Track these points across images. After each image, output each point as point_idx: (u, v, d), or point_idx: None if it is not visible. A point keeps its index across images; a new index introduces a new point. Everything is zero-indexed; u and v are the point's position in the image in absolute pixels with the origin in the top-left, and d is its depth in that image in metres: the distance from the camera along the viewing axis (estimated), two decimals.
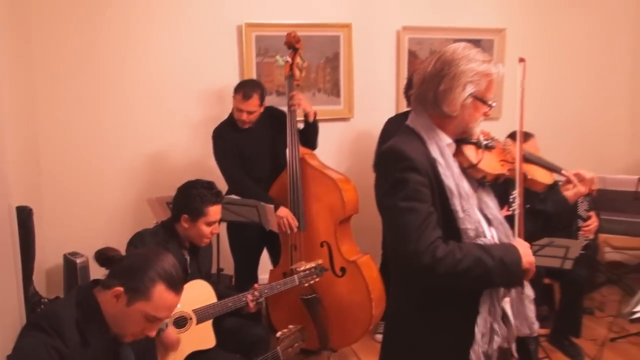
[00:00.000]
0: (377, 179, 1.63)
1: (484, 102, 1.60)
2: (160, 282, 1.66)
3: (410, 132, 1.63)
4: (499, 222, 1.67)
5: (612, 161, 5.03)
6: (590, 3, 4.83)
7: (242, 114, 3.34)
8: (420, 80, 1.63)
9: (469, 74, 1.55)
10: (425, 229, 1.48)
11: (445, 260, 1.45)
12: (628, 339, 3.78)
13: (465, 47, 1.60)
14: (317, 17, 4.16)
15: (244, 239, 3.49)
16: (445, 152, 1.59)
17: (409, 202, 1.49)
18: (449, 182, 1.55)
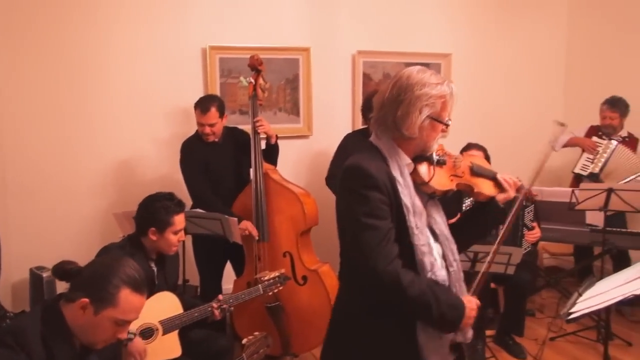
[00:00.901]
0: (340, 192, 1.63)
1: (441, 122, 1.61)
2: (124, 286, 1.62)
3: (374, 149, 1.64)
4: (445, 238, 1.68)
5: (548, 174, 5.19)
6: (526, 31, 5.01)
7: (205, 128, 3.33)
8: (380, 104, 1.64)
9: (424, 98, 1.56)
10: (384, 246, 1.50)
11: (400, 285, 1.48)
12: (565, 338, 3.88)
13: (419, 71, 1.60)
14: (277, 41, 4.18)
15: (209, 251, 3.44)
16: (405, 172, 1.60)
17: (371, 219, 1.50)
18: (406, 200, 1.56)
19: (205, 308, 2.54)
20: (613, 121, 4.08)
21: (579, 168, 4.21)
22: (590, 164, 4.15)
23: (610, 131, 4.13)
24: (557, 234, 4.02)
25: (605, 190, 3.49)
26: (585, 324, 3.90)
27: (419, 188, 1.64)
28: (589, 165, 4.16)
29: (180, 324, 2.44)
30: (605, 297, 1.89)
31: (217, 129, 3.35)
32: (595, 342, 3.80)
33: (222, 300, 2.60)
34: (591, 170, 4.13)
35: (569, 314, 1.94)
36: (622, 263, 3.87)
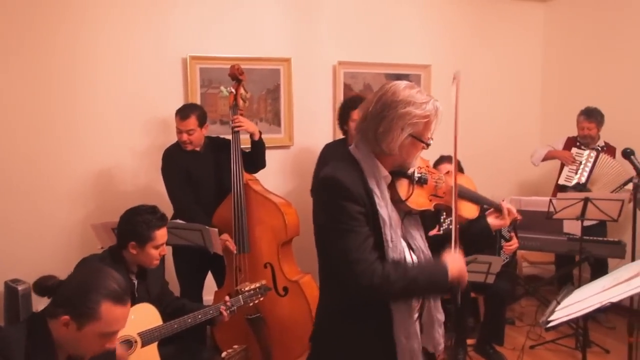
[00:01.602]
0: (316, 203, 1.63)
1: (422, 141, 1.61)
2: (105, 300, 1.58)
3: (351, 159, 1.63)
4: (421, 252, 1.70)
5: (525, 184, 5.27)
6: (504, 43, 5.11)
7: (183, 135, 3.31)
8: (363, 117, 1.63)
9: (407, 117, 1.54)
10: (363, 251, 1.50)
11: (381, 286, 1.49)
12: (545, 346, 3.92)
13: (406, 88, 1.58)
14: (258, 52, 4.19)
15: (189, 262, 3.41)
16: (382, 184, 1.60)
17: (348, 225, 1.51)
18: (383, 212, 1.56)
19: (210, 310, 2.54)
20: (590, 131, 4.15)
21: (563, 179, 4.27)
22: (574, 175, 4.21)
23: (588, 141, 4.21)
24: (536, 243, 4.07)
25: (581, 199, 3.56)
26: (564, 331, 3.95)
27: (395, 205, 1.64)
28: (573, 176, 4.22)
29: (159, 335, 2.41)
30: (583, 305, 1.91)
31: (195, 137, 3.33)
32: (574, 349, 3.85)
33: (230, 302, 2.61)
34: (577, 180, 4.19)
35: (548, 322, 1.95)
36: (600, 271, 3.93)
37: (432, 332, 1.72)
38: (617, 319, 4.26)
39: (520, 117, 5.27)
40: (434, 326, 1.72)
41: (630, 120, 4.21)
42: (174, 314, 2.51)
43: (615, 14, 4.53)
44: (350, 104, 3.65)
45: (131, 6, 3.86)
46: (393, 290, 1.51)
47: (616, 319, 4.28)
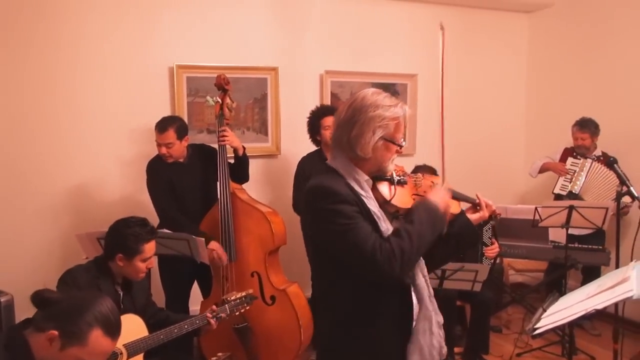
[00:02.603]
0: (310, 214, 1.65)
1: (394, 143, 1.66)
2: (97, 327, 1.55)
3: (331, 170, 1.67)
4: None
5: (511, 193, 5.31)
6: (489, 53, 5.16)
7: (161, 148, 3.29)
8: (336, 125, 1.68)
9: (377, 119, 1.60)
10: (374, 239, 1.52)
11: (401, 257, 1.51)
12: (531, 353, 3.94)
13: (374, 93, 1.65)
14: (245, 61, 4.19)
15: (176, 272, 3.38)
16: (365, 186, 1.65)
17: (349, 225, 1.53)
18: (374, 208, 1.61)
19: (197, 319, 2.52)
20: (585, 141, 4.20)
21: (559, 189, 4.32)
22: (568, 184, 4.27)
23: (583, 151, 4.26)
24: (522, 251, 4.10)
25: (566, 207, 3.59)
26: (550, 339, 3.97)
27: (381, 207, 1.67)
28: (567, 185, 4.27)
29: (145, 347, 2.38)
30: (569, 312, 1.92)
31: (174, 150, 3.30)
32: (560, 357, 3.87)
33: (217, 310, 2.58)
34: (570, 189, 4.24)
35: (534, 330, 1.96)
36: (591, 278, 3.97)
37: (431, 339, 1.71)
38: (603, 326, 4.30)
39: (505, 126, 5.32)
40: (433, 330, 1.72)
41: (614, 129, 4.26)
42: (157, 325, 2.48)
43: (598, 25, 4.61)
44: (318, 112, 3.69)
45: (117, 15, 3.85)
46: (413, 252, 1.54)
47: (601, 326, 4.31)
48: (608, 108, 4.45)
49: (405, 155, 4.51)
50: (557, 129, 4.75)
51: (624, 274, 1.88)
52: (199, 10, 4.06)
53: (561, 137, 4.51)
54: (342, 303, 1.66)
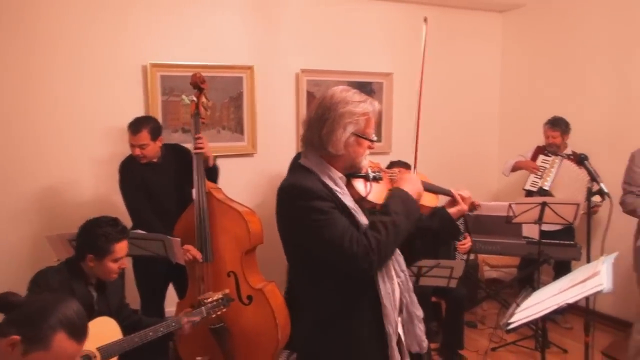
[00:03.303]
0: (284, 214, 1.64)
1: (366, 138, 1.66)
2: (61, 330, 1.50)
3: (304, 169, 1.66)
4: None
5: (485, 190, 5.38)
6: (463, 52, 5.21)
7: (135, 149, 3.24)
8: (307, 124, 1.68)
9: (347, 115, 1.61)
10: (351, 232, 1.53)
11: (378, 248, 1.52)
12: (506, 348, 4.00)
13: (343, 90, 1.66)
14: (220, 59, 4.15)
15: (151, 273, 3.34)
16: (339, 182, 1.65)
17: (324, 220, 1.53)
18: (350, 203, 1.61)
19: (172, 322, 2.49)
20: (555, 140, 4.28)
21: (529, 185, 4.39)
22: (539, 180, 4.34)
23: (554, 149, 4.33)
24: (496, 247, 4.15)
25: (539, 204, 3.65)
26: (524, 333, 4.04)
27: (358, 204, 1.67)
28: (538, 182, 4.34)
29: (119, 350, 2.34)
30: (541, 306, 1.95)
31: (148, 151, 3.26)
32: (534, 350, 3.93)
33: (192, 313, 2.56)
34: (540, 185, 4.31)
35: (508, 324, 1.99)
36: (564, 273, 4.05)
37: (413, 329, 1.75)
38: (574, 319, 4.39)
39: (480, 125, 5.39)
40: (414, 322, 1.75)
41: (584, 127, 4.34)
42: (130, 329, 2.44)
43: (569, 25, 4.69)
44: None
45: (90, 12, 3.77)
46: (389, 242, 1.55)
47: (573, 319, 4.40)
48: (578, 107, 4.54)
49: (381, 153, 4.54)
50: (530, 127, 4.82)
51: (594, 269, 1.92)
52: (173, 7, 4.00)
53: (534, 135, 4.58)
54: (324, 303, 1.65)
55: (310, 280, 1.69)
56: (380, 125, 4.68)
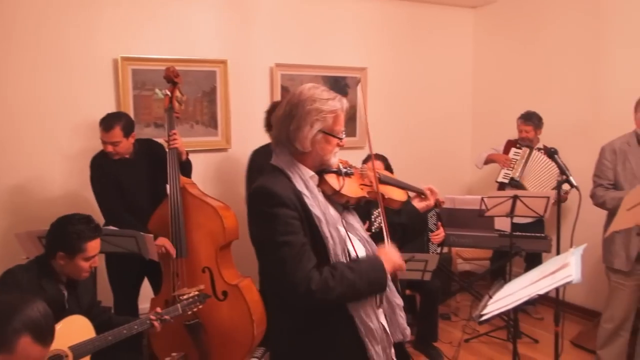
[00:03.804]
0: (250, 216, 1.64)
1: (334, 136, 1.67)
2: (26, 334, 1.45)
3: (275, 169, 1.67)
4: (365, 241, 1.75)
5: (458, 183, 5.45)
6: (436, 47, 5.26)
7: (107, 146, 3.19)
8: (276, 122, 1.68)
9: (314, 113, 1.62)
10: (299, 261, 1.52)
11: (319, 292, 1.51)
12: (479, 339, 4.07)
13: (311, 88, 1.66)
14: (193, 53, 4.11)
15: (124, 270, 3.29)
16: (310, 184, 1.64)
17: (282, 236, 1.53)
18: (316, 211, 1.60)
19: (147, 319, 2.46)
20: (528, 134, 4.35)
21: (501, 177, 4.46)
22: (510, 172, 4.41)
23: (526, 144, 4.40)
24: (469, 240, 4.21)
25: (510, 197, 3.71)
26: (496, 324, 4.11)
27: (331, 199, 1.69)
28: (509, 173, 4.41)
29: (92, 349, 2.30)
30: (513, 298, 1.99)
31: (120, 148, 3.21)
32: (506, 341, 4.01)
33: (162, 312, 2.53)
34: (512, 175, 4.38)
35: (481, 316, 2.02)
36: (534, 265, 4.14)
37: (395, 318, 1.76)
38: (545, 310, 4.48)
39: (453, 119, 5.44)
40: (395, 311, 1.76)
41: (555, 121, 4.42)
42: (101, 327, 2.40)
43: (542, 20, 4.76)
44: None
45: (58, 4, 3.68)
46: (332, 297, 1.53)
47: (544, 310, 4.50)
48: (550, 101, 4.62)
49: (356, 148, 4.55)
50: (502, 122, 4.89)
51: (564, 260, 1.96)
52: (144, 0, 3.94)
53: (506, 129, 4.65)
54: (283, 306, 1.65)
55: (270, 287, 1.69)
56: (355, 120, 4.69)
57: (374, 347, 1.63)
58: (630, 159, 3.11)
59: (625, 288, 3.16)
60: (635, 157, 3.09)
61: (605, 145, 3.26)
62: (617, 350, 3.23)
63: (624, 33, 4.11)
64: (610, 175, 3.16)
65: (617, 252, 3.13)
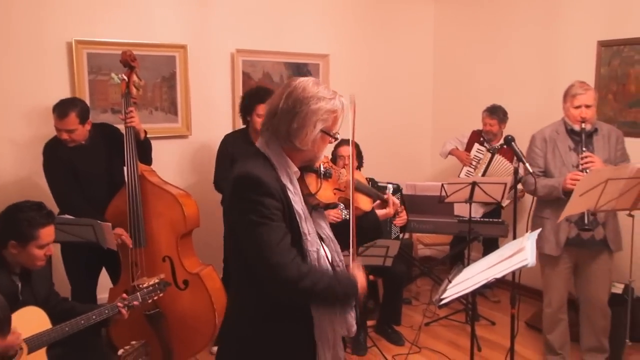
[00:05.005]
0: (233, 201, 1.61)
1: (330, 135, 1.67)
2: None
3: (261, 155, 1.64)
4: (330, 241, 1.77)
5: (419, 175, 5.52)
6: (397, 35, 5.28)
7: (62, 133, 3.08)
8: (272, 113, 1.64)
9: (319, 112, 1.59)
10: (282, 247, 1.52)
11: (308, 277, 1.52)
12: (439, 322, 4.16)
13: (314, 84, 1.63)
14: (151, 38, 4.00)
15: (80, 260, 3.21)
16: (294, 180, 1.64)
17: (268, 221, 1.52)
18: (298, 206, 1.60)
19: (105, 309, 2.42)
20: (492, 127, 4.43)
21: (463, 175, 4.55)
22: (473, 171, 4.50)
23: (490, 137, 4.49)
24: (429, 226, 4.29)
25: (469, 183, 3.79)
26: (455, 307, 4.22)
27: (304, 199, 1.68)
28: (472, 172, 4.50)
29: (48, 340, 2.25)
30: (472, 282, 2.04)
31: (76, 135, 3.10)
32: (464, 323, 4.12)
33: (128, 298, 2.49)
34: (474, 175, 4.47)
35: (441, 300, 2.07)
36: (491, 249, 4.24)
37: (346, 316, 1.76)
38: (502, 293, 4.62)
39: (415, 104, 5.50)
40: (347, 310, 1.76)
41: (517, 112, 4.49)
42: (62, 317, 2.34)
43: (502, 12, 4.83)
44: (257, 96, 3.58)
45: None
46: (311, 290, 1.54)
47: (501, 293, 4.63)
48: (509, 93, 4.72)
49: None
50: (462, 113, 4.97)
51: (520, 245, 2.02)
52: None
53: (466, 121, 4.73)
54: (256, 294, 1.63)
55: (244, 272, 1.67)
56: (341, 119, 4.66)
57: (324, 352, 1.66)
58: (560, 146, 3.19)
59: (557, 273, 3.26)
60: (564, 145, 3.18)
61: (535, 133, 3.33)
62: (561, 332, 3.34)
63: (577, 25, 4.24)
64: (540, 163, 3.22)
65: (547, 237, 3.19)
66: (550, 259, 3.23)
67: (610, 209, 2.76)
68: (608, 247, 3.16)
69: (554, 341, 3.35)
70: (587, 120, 3.08)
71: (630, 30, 3.91)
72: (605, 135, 3.18)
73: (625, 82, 4.01)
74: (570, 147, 3.17)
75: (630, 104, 3.99)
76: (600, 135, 3.17)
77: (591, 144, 3.10)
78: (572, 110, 3.13)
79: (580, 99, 3.09)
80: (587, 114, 3.08)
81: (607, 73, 4.10)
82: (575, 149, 3.14)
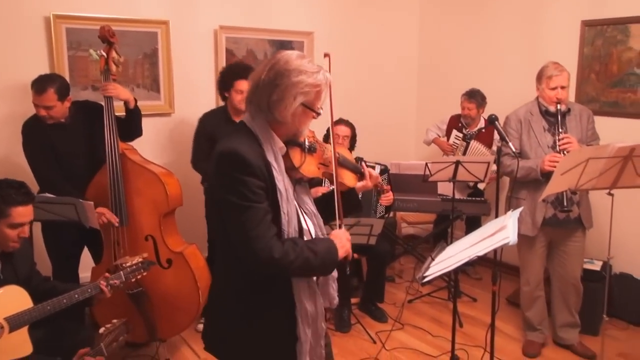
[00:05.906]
0: (217, 178, 1.60)
1: (313, 110, 1.65)
2: None
3: (247, 131, 1.63)
4: (313, 215, 1.78)
5: (404, 149, 5.53)
6: (382, 13, 5.23)
7: (40, 110, 3.01)
8: (255, 85, 1.63)
9: (300, 85, 1.58)
10: (262, 227, 1.53)
11: (281, 262, 1.53)
12: (422, 299, 4.22)
13: (298, 57, 1.62)
14: (132, 13, 3.91)
15: (62, 239, 3.16)
16: (278, 157, 1.63)
17: (248, 201, 1.52)
18: (280, 185, 1.59)
19: (88, 288, 2.40)
20: (471, 112, 4.43)
21: None
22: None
23: (469, 121, 4.49)
24: (413, 205, 4.31)
25: (453, 162, 3.80)
26: (438, 285, 4.27)
27: (287, 172, 1.67)
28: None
29: (29, 319, 2.23)
30: (454, 259, 2.06)
31: (54, 112, 3.03)
32: (447, 300, 4.18)
33: (110, 277, 2.48)
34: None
35: (424, 278, 2.09)
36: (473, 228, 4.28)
37: (327, 288, 1.80)
38: (484, 270, 4.69)
39: (400, 83, 5.48)
40: (329, 282, 1.80)
41: (501, 96, 4.49)
42: (44, 296, 2.32)
43: None
44: (235, 71, 3.53)
45: None
46: (291, 268, 1.56)
47: (483, 271, 4.70)
48: (493, 77, 4.72)
49: None
50: (447, 97, 4.95)
51: (502, 223, 2.04)
52: None
53: (450, 104, 4.71)
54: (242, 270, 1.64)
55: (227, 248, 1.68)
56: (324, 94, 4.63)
57: (304, 327, 1.67)
58: (534, 127, 3.20)
59: (533, 252, 3.30)
60: (539, 126, 3.20)
61: (510, 114, 3.34)
62: (539, 309, 3.41)
63: (561, 4, 4.23)
64: (516, 144, 3.20)
65: (523, 217, 3.21)
66: (527, 239, 3.26)
67: (590, 188, 2.79)
68: (582, 225, 3.21)
69: (532, 318, 3.41)
70: (562, 101, 3.10)
71: (614, 10, 3.92)
72: (577, 115, 3.20)
73: (608, 62, 4.03)
74: (545, 128, 3.18)
75: (612, 84, 4.02)
76: (572, 115, 3.19)
77: (564, 125, 3.12)
78: (548, 92, 3.14)
79: (556, 80, 3.10)
80: (562, 95, 3.10)
81: (590, 53, 4.11)
82: (550, 130, 3.16)
